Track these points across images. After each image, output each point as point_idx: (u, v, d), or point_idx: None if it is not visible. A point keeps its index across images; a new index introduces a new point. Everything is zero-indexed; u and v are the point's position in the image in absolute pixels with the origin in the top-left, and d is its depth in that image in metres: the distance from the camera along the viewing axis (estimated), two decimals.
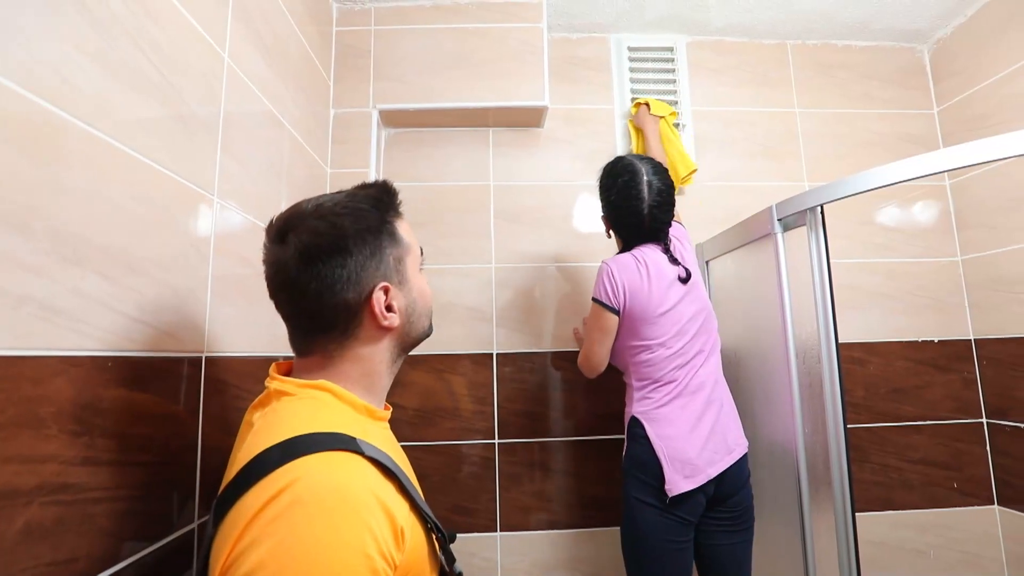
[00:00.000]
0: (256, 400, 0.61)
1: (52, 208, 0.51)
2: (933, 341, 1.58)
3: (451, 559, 0.62)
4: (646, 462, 1.03)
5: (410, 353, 0.70)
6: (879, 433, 1.53)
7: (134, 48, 0.64)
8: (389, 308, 0.62)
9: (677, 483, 1.00)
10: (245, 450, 0.51)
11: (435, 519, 0.59)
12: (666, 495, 1.00)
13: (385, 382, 0.65)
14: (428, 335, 0.70)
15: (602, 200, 1.19)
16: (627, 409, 1.13)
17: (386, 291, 0.61)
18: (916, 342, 1.58)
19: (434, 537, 0.59)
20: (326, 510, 0.45)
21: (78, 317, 0.54)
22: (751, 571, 1.09)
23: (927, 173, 0.90)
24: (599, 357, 1.15)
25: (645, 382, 1.09)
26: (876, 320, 1.58)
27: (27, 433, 0.47)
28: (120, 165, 0.61)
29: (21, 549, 0.46)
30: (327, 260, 0.58)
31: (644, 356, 1.09)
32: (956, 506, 1.51)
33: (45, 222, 0.50)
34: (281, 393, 0.57)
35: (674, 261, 1.13)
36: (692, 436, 1.04)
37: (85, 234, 0.55)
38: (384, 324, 0.61)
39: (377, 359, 0.63)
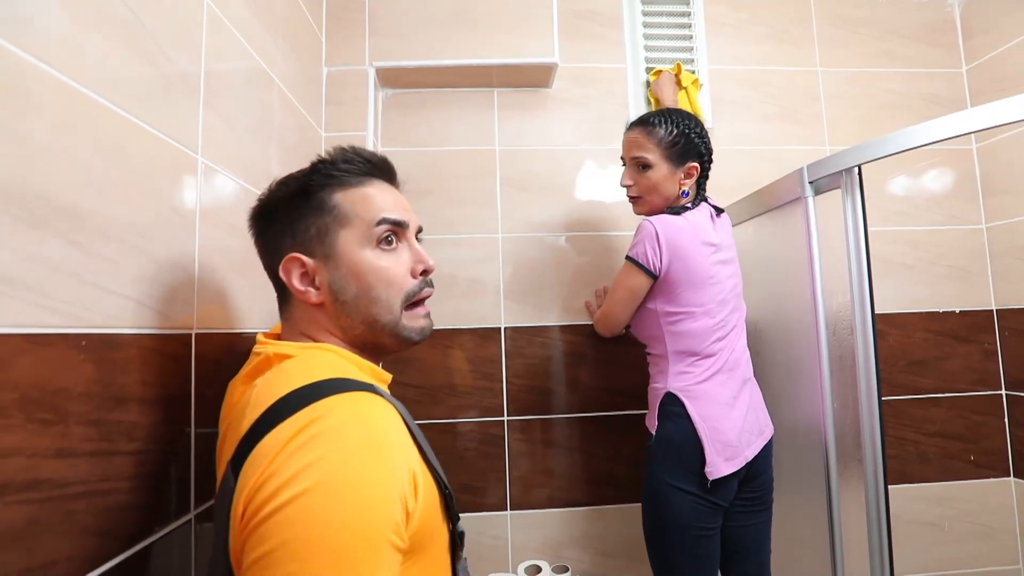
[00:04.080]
0: (249, 368, 0.57)
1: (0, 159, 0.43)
2: (954, 312, 1.53)
3: (455, 517, 0.59)
4: (682, 443, 0.97)
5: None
6: (896, 406, 1.49)
7: None
8: (312, 283, 0.58)
9: (719, 466, 0.95)
10: (254, 407, 0.48)
11: (443, 475, 0.57)
12: (706, 479, 0.94)
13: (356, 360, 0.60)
14: (398, 333, 0.59)
15: (697, 147, 1.06)
16: (657, 385, 1.05)
17: (299, 263, 0.57)
18: (937, 313, 1.53)
19: (442, 494, 0.56)
20: (353, 443, 0.44)
21: (42, 289, 0.46)
22: (771, 550, 1.06)
23: (978, 129, 0.83)
24: (620, 318, 1.09)
25: (683, 354, 1.02)
26: (896, 290, 1.53)
27: None
28: (84, 113, 0.52)
29: None
30: (255, 224, 0.63)
31: (686, 325, 1.01)
32: (972, 478, 1.49)
33: None
34: (282, 356, 0.55)
35: (719, 211, 1.11)
36: (731, 415, 0.98)
37: (44, 192, 0.47)
38: (303, 298, 0.58)
39: (323, 331, 0.59)
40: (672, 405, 1.00)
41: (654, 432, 1.02)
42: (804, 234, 1.05)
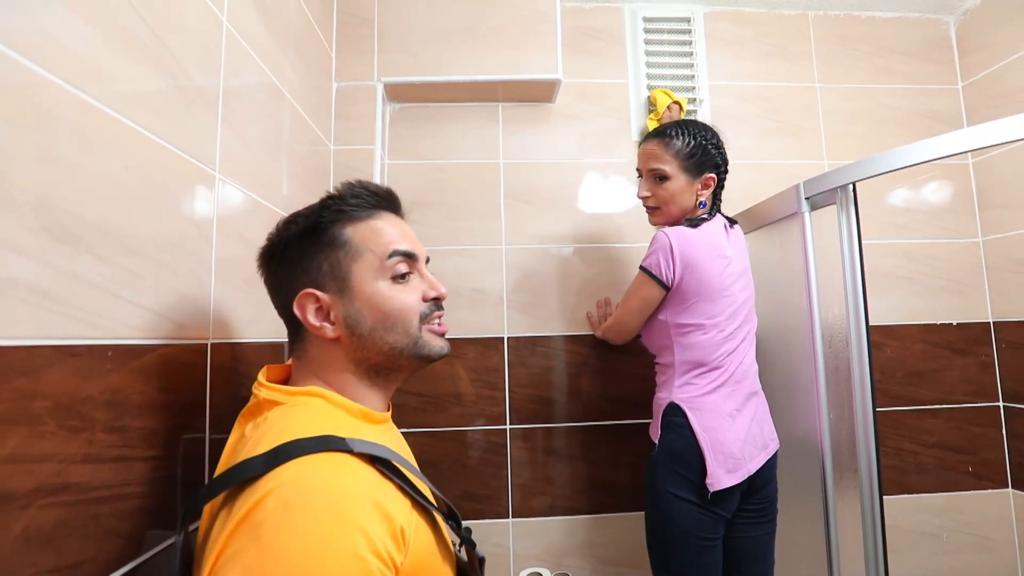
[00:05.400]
0: (245, 408, 0.58)
1: (37, 180, 0.45)
2: (951, 324, 1.55)
3: (471, 544, 0.61)
4: (684, 454, 0.98)
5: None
6: (894, 417, 1.51)
7: (125, 5, 0.58)
8: (327, 318, 0.59)
9: (720, 478, 0.95)
10: (234, 461, 0.49)
11: (449, 503, 0.59)
12: (706, 490, 0.95)
13: (360, 393, 0.60)
14: (417, 352, 0.61)
15: (714, 158, 1.07)
16: (662, 394, 1.06)
17: (313, 299, 0.58)
18: (934, 325, 1.54)
19: (444, 524, 0.58)
20: (313, 512, 0.43)
21: (72, 302, 0.49)
22: (774, 562, 1.07)
23: (969, 149, 0.86)
24: (632, 326, 1.12)
25: (690, 365, 1.02)
26: (893, 303, 1.55)
27: (21, 431, 0.43)
28: (111, 133, 0.55)
29: (20, 556, 0.42)
30: (266, 264, 0.63)
31: (696, 337, 1.02)
32: (970, 490, 1.50)
33: (30, 195, 0.44)
34: (272, 403, 0.55)
35: (732, 222, 1.13)
36: (734, 428, 0.98)
37: (76, 210, 0.49)
38: (319, 334, 0.58)
39: (336, 368, 0.60)
40: (675, 415, 1.01)
41: (657, 441, 1.03)
42: (801, 248, 1.08)
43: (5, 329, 0.42)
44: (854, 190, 0.99)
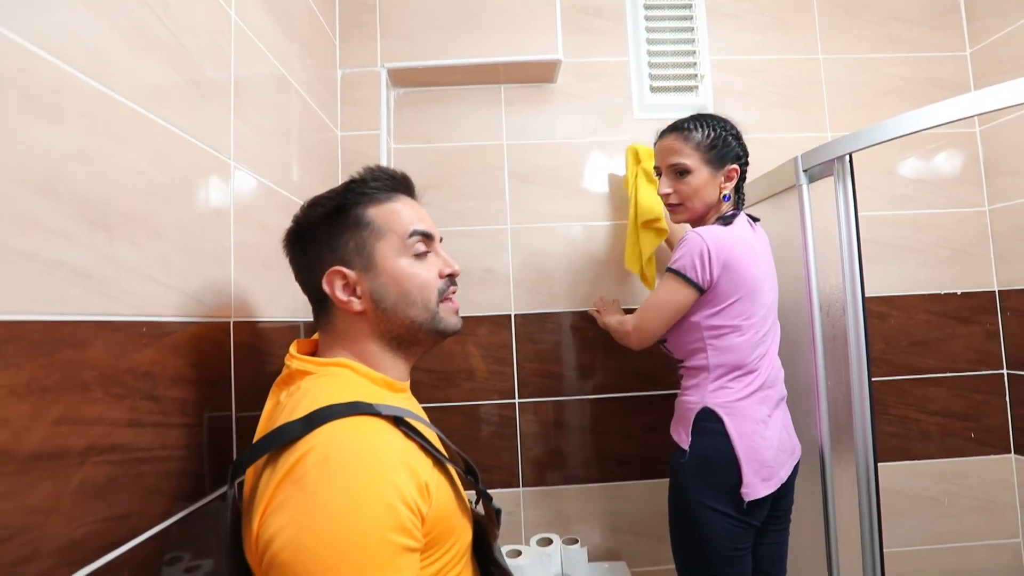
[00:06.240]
0: (279, 378, 0.64)
1: (76, 173, 0.50)
2: (956, 294, 1.56)
3: (488, 497, 0.67)
4: (717, 461, 0.94)
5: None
6: (898, 386, 1.53)
7: (142, 6, 0.62)
8: (353, 292, 0.63)
9: (755, 487, 0.92)
10: (272, 425, 0.55)
11: (468, 460, 0.66)
12: (741, 500, 0.91)
13: (384, 363, 0.66)
14: (435, 327, 0.66)
15: (735, 149, 1.04)
16: (692, 398, 1.00)
17: (341, 275, 0.63)
18: (939, 295, 1.55)
19: (459, 482, 0.63)
20: (347, 468, 0.48)
21: (110, 282, 0.54)
22: (786, 567, 1.08)
23: (964, 116, 0.86)
24: (657, 333, 1.04)
25: (726, 369, 0.98)
26: (898, 273, 1.56)
27: (73, 396, 0.48)
28: (137, 129, 0.59)
29: (79, 507, 0.48)
30: (293, 245, 0.67)
31: (732, 339, 0.97)
32: (973, 455, 1.53)
33: (71, 187, 0.49)
34: (303, 373, 0.61)
35: (754, 219, 1.09)
36: (767, 434, 0.95)
37: (110, 199, 0.54)
38: (346, 307, 0.63)
39: (361, 338, 0.65)
40: (709, 421, 0.96)
41: (687, 448, 0.98)
42: (799, 220, 1.09)
43: (56, 306, 0.47)
44: (851, 161, 1.00)
